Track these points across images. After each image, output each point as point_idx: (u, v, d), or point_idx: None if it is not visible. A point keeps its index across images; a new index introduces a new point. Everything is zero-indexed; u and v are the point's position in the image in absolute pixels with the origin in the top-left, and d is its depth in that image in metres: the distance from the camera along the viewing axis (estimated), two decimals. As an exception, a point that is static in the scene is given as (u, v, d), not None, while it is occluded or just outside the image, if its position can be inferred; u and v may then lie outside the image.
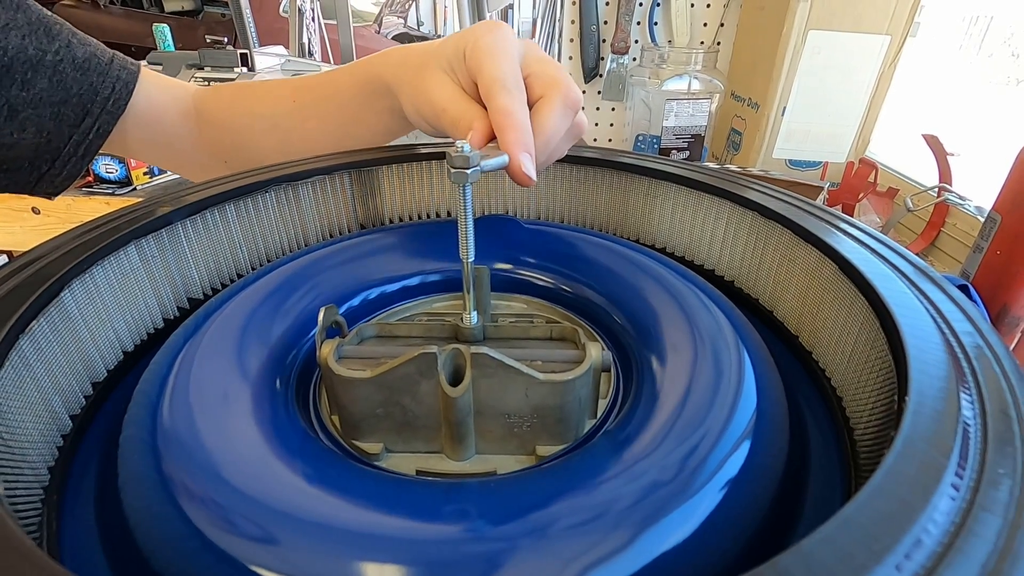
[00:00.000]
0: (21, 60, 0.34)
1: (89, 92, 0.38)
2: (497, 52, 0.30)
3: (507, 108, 0.28)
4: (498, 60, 0.29)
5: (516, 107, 0.28)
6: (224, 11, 1.95)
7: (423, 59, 0.34)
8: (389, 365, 0.22)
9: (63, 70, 0.36)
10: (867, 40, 0.74)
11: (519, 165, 0.26)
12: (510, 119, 0.27)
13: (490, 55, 0.30)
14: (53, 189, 0.41)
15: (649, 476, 0.19)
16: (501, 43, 0.30)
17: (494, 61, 0.29)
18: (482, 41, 0.30)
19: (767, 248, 0.33)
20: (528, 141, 0.27)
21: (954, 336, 0.21)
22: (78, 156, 0.39)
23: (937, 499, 0.14)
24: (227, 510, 0.18)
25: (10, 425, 0.20)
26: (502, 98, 0.28)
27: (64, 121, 0.37)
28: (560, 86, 0.30)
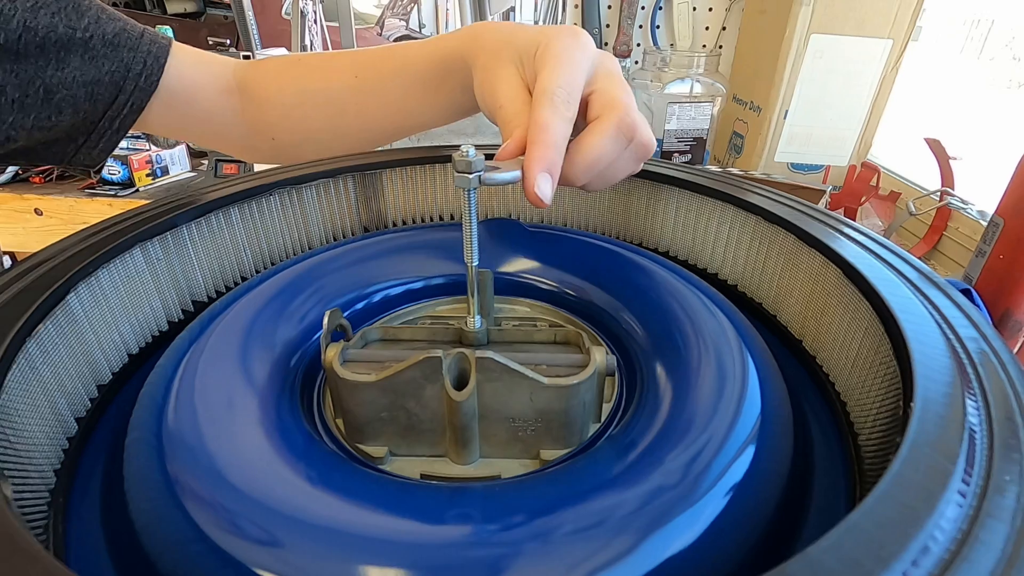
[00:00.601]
0: (53, 39, 0.34)
1: (121, 69, 0.37)
2: (564, 60, 0.28)
3: (543, 122, 0.26)
4: (560, 69, 0.28)
5: (554, 123, 0.26)
6: (226, 13, 1.95)
7: (499, 45, 0.32)
8: (394, 369, 0.22)
9: (94, 46, 0.36)
10: (869, 44, 0.74)
11: (532, 184, 0.25)
12: (541, 134, 0.26)
13: (555, 61, 0.28)
14: (91, 161, 0.40)
15: (654, 481, 0.20)
16: (571, 51, 0.29)
17: (555, 69, 0.28)
18: (554, 44, 0.29)
19: (771, 252, 0.33)
20: (553, 160, 0.26)
21: (959, 341, 0.21)
22: (113, 130, 0.38)
23: (944, 506, 0.14)
24: (232, 513, 0.19)
25: (17, 428, 0.20)
26: (543, 111, 0.27)
27: (99, 100, 0.37)
28: (618, 109, 0.28)
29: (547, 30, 0.30)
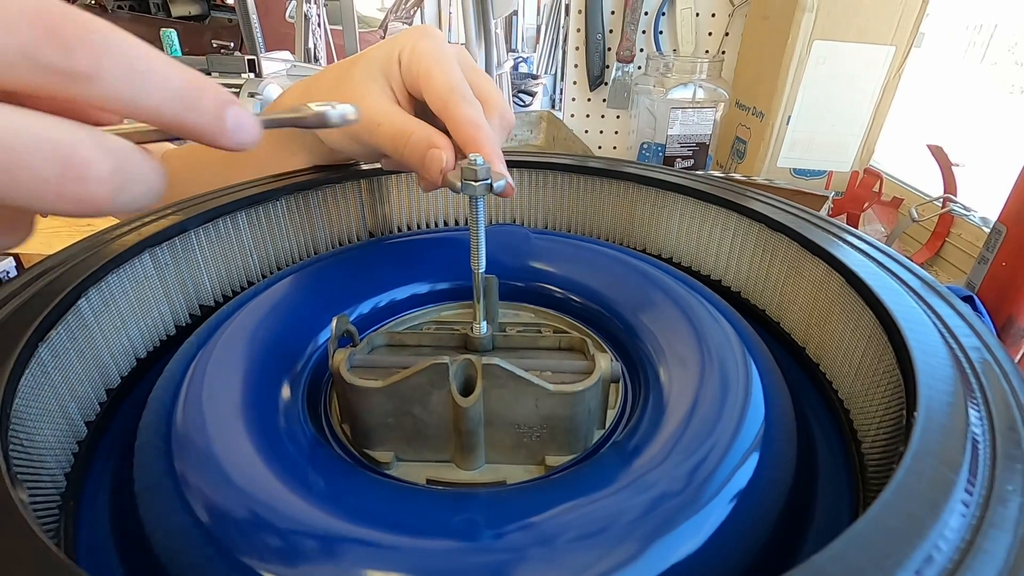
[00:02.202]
0: None
1: None
2: (443, 59, 0.27)
3: (475, 120, 0.25)
4: (446, 67, 0.27)
5: (482, 119, 0.26)
6: (231, 16, 1.96)
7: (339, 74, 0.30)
8: (401, 375, 0.22)
9: None
10: (872, 50, 0.75)
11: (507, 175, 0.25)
12: (482, 131, 0.25)
13: (437, 62, 0.27)
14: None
15: (658, 488, 0.20)
16: (443, 49, 0.28)
17: (443, 68, 0.27)
18: (421, 46, 0.27)
19: (774, 260, 0.33)
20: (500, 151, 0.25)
21: (961, 350, 0.21)
22: None
23: (947, 516, 0.14)
24: (240, 517, 0.19)
25: (30, 432, 0.20)
26: (467, 109, 0.26)
27: None
28: (498, 105, 0.28)
29: (396, 39, 0.29)
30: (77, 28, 0.12)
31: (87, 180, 0.13)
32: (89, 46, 0.12)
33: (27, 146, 0.12)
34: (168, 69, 0.14)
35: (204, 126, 0.15)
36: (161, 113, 0.14)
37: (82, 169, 0.13)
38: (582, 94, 0.95)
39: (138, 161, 0.14)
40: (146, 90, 0.14)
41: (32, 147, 0.12)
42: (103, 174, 0.13)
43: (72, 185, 0.13)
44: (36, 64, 0.12)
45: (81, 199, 0.13)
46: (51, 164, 0.12)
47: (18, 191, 0.12)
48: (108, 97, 0.13)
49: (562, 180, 0.41)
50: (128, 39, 0.13)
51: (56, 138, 0.13)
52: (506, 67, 1.29)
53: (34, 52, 0.12)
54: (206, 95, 0.15)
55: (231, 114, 0.15)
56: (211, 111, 0.15)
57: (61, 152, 0.12)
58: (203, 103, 0.15)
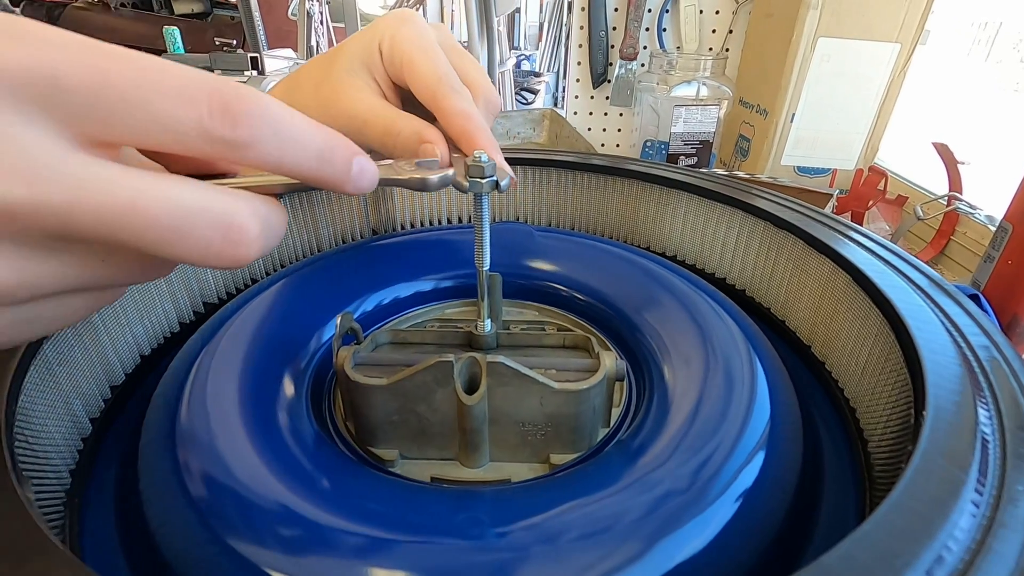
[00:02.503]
0: None
1: None
2: (425, 46, 0.26)
3: (466, 111, 0.24)
4: (430, 55, 0.26)
5: (473, 108, 0.25)
6: (233, 14, 1.96)
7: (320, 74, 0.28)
8: (406, 373, 0.22)
9: None
10: (877, 48, 0.74)
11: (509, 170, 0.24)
12: (473, 122, 0.24)
13: (420, 50, 0.26)
14: None
15: (663, 487, 0.20)
16: (426, 36, 0.26)
17: (426, 56, 0.26)
18: (401, 34, 0.26)
19: (779, 258, 0.33)
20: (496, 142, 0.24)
21: (969, 349, 0.21)
22: None
23: (957, 516, 0.14)
24: (244, 515, 0.19)
25: (35, 429, 0.20)
26: (456, 100, 0.25)
27: None
28: (483, 88, 0.27)
29: (374, 27, 0.27)
30: (242, 105, 0.14)
31: (241, 244, 0.15)
32: (249, 119, 0.14)
33: (197, 217, 0.14)
34: (308, 132, 0.16)
35: (334, 177, 0.17)
36: (300, 170, 0.16)
37: (239, 235, 0.15)
38: (585, 92, 0.94)
39: (275, 217, 0.16)
40: (291, 152, 0.16)
41: (201, 218, 0.14)
42: (253, 237, 0.15)
43: (230, 248, 0.15)
44: (207, 135, 0.14)
45: (235, 258, 0.15)
46: (215, 232, 0.14)
47: (186, 253, 0.14)
48: (259, 160, 0.15)
49: (566, 178, 0.41)
50: (279, 110, 0.15)
51: (220, 209, 0.15)
52: (509, 65, 1.29)
53: (208, 125, 0.14)
54: (337, 151, 0.17)
55: (356, 164, 0.17)
56: (341, 164, 0.17)
57: (223, 222, 0.15)
58: (335, 158, 0.17)
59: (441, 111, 0.25)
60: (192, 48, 1.46)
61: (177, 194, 0.14)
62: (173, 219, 0.14)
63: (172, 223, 0.14)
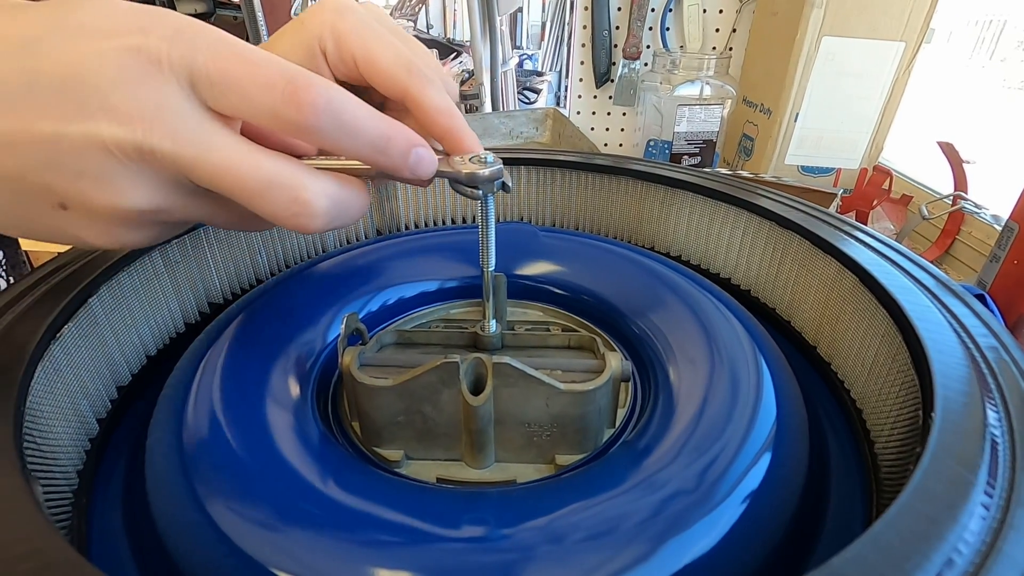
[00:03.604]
0: None
1: None
2: (377, 35, 0.24)
3: (448, 108, 0.23)
4: (386, 45, 0.23)
5: (451, 103, 0.23)
6: (236, 14, 1.96)
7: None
8: (411, 373, 0.22)
9: None
10: (881, 46, 0.74)
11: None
12: (457, 120, 0.23)
13: (375, 40, 0.23)
14: None
15: (669, 488, 0.20)
16: (371, 24, 0.24)
17: (384, 48, 0.23)
18: (343, 27, 0.23)
19: (785, 258, 0.32)
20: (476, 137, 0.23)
21: (978, 350, 0.21)
22: None
23: (967, 518, 0.14)
24: (252, 515, 0.19)
25: (43, 430, 0.20)
26: (434, 95, 0.23)
27: None
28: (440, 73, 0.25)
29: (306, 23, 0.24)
30: (308, 95, 0.17)
31: (303, 215, 0.18)
32: (312, 108, 0.17)
33: (271, 184, 0.18)
34: (368, 122, 0.19)
35: (390, 164, 0.19)
36: (360, 155, 0.19)
37: (304, 207, 0.18)
38: (588, 91, 0.94)
39: (350, 199, 0.20)
40: (347, 139, 0.18)
41: (276, 184, 0.18)
42: (319, 211, 0.19)
43: (293, 217, 0.18)
44: (278, 117, 0.17)
45: (299, 225, 0.19)
46: (283, 199, 0.18)
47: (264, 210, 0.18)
48: (323, 143, 0.18)
49: (570, 178, 0.41)
50: (343, 101, 0.18)
51: (292, 181, 0.18)
52: (511, 64, 1.29)
53: (279, 109, 0.17)
54: (394, 141, 0.19)
55: (414, 154, 0.20)
56: (396, 153, 0.19)
57: (290, 193, 0.18)
58: (390, 147, 0.19)
59: (420, 108, 0.23)
60: (195, 48, 1.46)
61: (264, 162, 0.18)
62: (256, 182, 0.18)
63: (255, 185, 0.18)
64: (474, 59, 1.07)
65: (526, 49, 2.00)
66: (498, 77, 1.10)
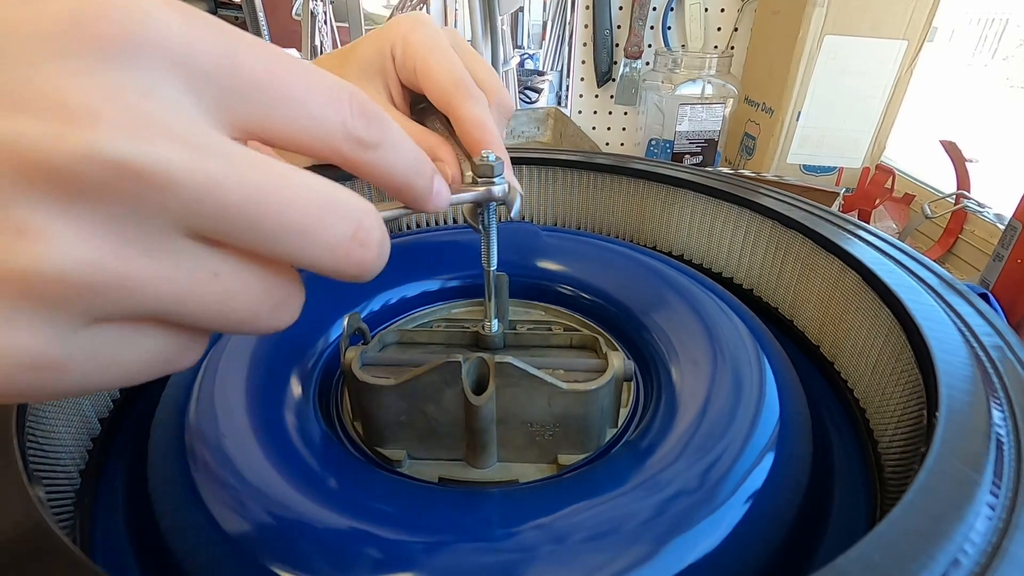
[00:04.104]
0: None
1: None
2: (439, 48, 0.25)
3: (482, 120, 0.24)
4: (445, 59, 0.25)
5: (489, 118, 0.24)
6: (237, 14, 1.96)
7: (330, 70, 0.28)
8: (414, 373, 0.22)
9: None
10: (884, 45, 0.74)
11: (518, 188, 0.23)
12: (488, 134, 0.24)
13: (435, 54, 0.25)
14: None
15: (672, 488, 0.20)
16: (437, 38, 0.26)
17: (441, 61, 0.25)
18: (414, 37, 0.26)
19: (787, 257, 0.32)
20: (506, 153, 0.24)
21: (982, 349, 0.20)
22: None
23: (973, 518, 0.13)
24: (253, 515, 0.19)
25: (45, 429, 0.20)
26: (472, 106, 0.24)
27: None
28: (496, 92, 0.26)
29: (386, 31, 0.27)
30: (371, 108, 0.15)
31: (368, 245, 0.14)
32: (380, 123, 0.15)
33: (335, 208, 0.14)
34: (409, 142, 0.16)
35: (421, 190, 0.17)
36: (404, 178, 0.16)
37: (366, 236, 0.14)
38: (590, 90, 0.94)
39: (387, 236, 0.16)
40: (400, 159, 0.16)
41: (338, 210, 0.14)
42: (377, 241, 0.15)
43: (357, 248, 0.14)
44: (348, 134, 0.14)
45: (361, 262, 0.14)
46: (347, 227, 0.14)
47: (318, 249, 0.13)
48: (379, 163, 0.15)
49: (572, 177, 0.41)
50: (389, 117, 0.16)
51: (354, 205, 0.14)
52: (512, 63, 1.28)
53: (350, 125, 0.14)
54: (425, 164, 0.17)
55: (437, 181, 0.18)
56: (428, 177, 0.17)
57: (355, 217, 0.14)
58: (424, 170, 0.17)
59: (457, 117, 0.24)
60: (197, 48, 1.46)
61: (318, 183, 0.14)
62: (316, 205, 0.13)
63: (316, 208, 0.13)
64: (475, 58, 1.06)
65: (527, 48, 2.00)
66: (499, 76, 1.10)
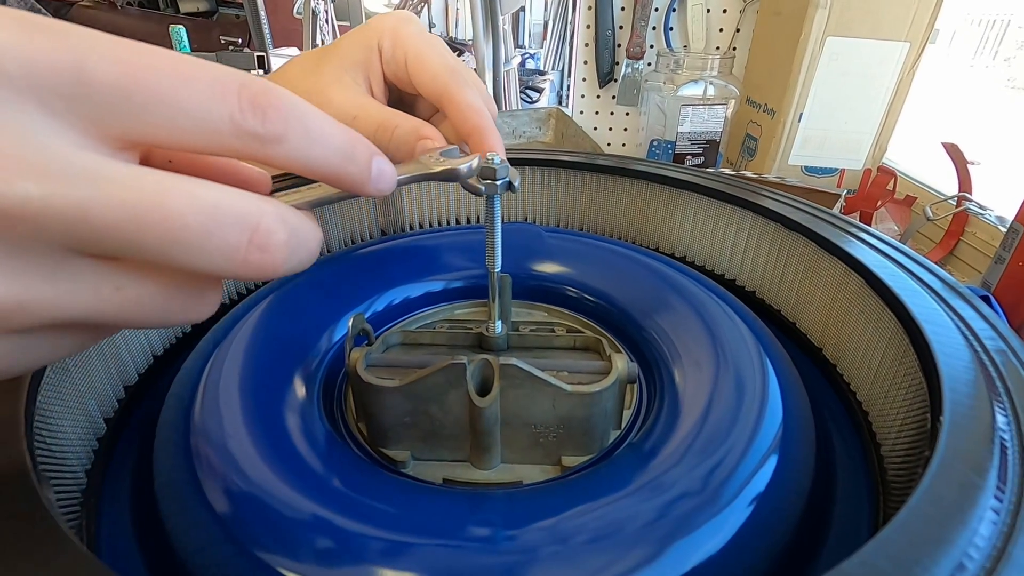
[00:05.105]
0: None
1: None
2: (433, 42, 0.26)
3: (479, 107, 0.24)
4: (438, 50, 0.26)
5: (483, 105, 0.24)
6: (239, 12, 1.96)
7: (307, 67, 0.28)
8: (418, 374, 0.22)
9: None
10: (886, 47, 0.74)
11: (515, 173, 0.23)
12: (485, 118, 0.24)
13: (427, 44, 0.26)
14: None
15: (675, 490, 0.20)
16: (428, 34, 0.26)
17: (435, 51, 0.26)
18: (405, 31, 0.26)
19: (790, 259, 0.32)
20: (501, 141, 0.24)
21: (985, 353, 0.21)
22: None
23: (977, 523, 0.14)
24: (259, 516, 0.19)
25: (52, 429, 0.20)
26: (469, 93, 0.24)
27: None
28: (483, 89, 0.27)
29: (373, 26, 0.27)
30: (271, 99, 0.14)
31: (268, 248, 0.14)
32: (279, 113, 0.14)
33: (222, 217, 0.13)
34: (332, 128, 0.15)
35: (356, 176, 0.16)
36: (328, 167, 0.15)
37: (265, 239, 0.14)
38: (591, 91, 0.94)
39: (305, 228, 0.15)
40: (318, 148, 0.15)
41: (226, 218, 0.13)
42: (280, 243, 0.14)
43: (256, 253, 0.14)
44: (239, 129, 0.13)
45: (261, 265, 0.14)
46: (240, 234, 0.13)
47: (210, 258, 0.13)
48: (289, 156, 0.14)
49: (575, 178, 0.41)
50: (303, 105, 0.15)
51: (245, 210, 0.13)
52: (514, 63, 1.28)
53: (239, 119, 0.13)
54: (359, 148, 0.16)
55: (376, 164, 0.17)
56: (363, 163, 0.16)
57: (249, 223, 0.13)
58: (357, 155, 0.16)
59: (454, 104, 0.24)
60: (198, 47, 1.47)
61: (203, 192, 0.13)
62: (199, 217, 0.12)
63: (198, 221, 0.12)
64: (476, 58, 1.06)
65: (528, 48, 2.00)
66: (500, 76, 1.10)
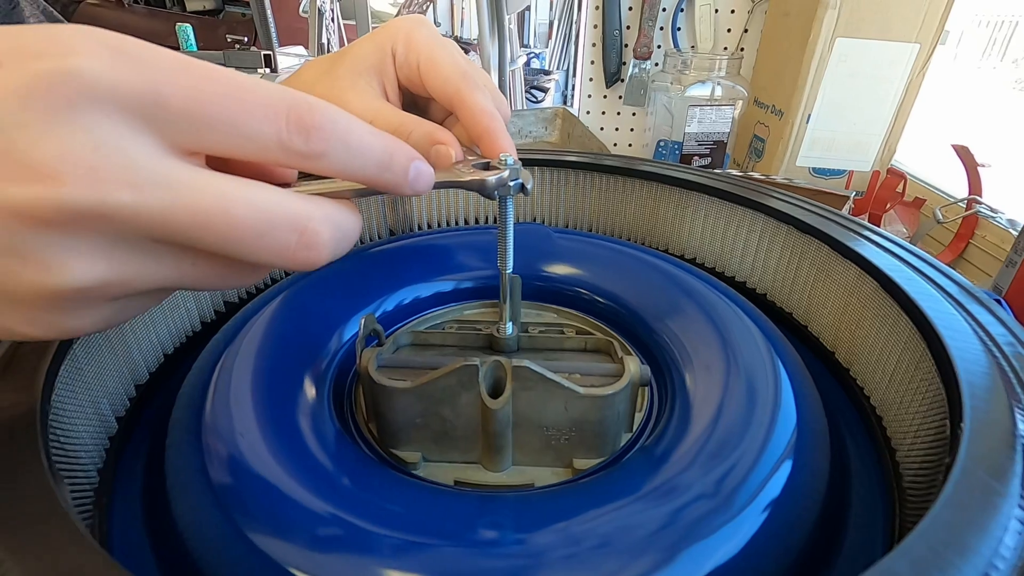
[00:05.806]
0: None
1: None
2: (445, 45, 0.26)
3: (491, 109, 0.24)
4: (451, 53, 0.26)
5: (495, 109, 0.25)
6: (245, 11, 1.96)
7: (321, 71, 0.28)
8: (430, 376, 0.22)
9: None
10: (895, 48, 0.73)
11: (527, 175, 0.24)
12: (497, 122, 0.24)
13: (440, 47, 0.26)
14: None
15: (688, 494, 0.19)
16: (441, 37, 0.27)
17: (447, 54, 0.26)
18: (418, 35, 0.27)
19: (803, 262, 0.32)
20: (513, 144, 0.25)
21: (1004, 358, 0.20)
22: None
23: (1001, 532, 0.13)
24: (270, 515, 0.19)
25: (65, 428, 0.20)
26: (480, 97, 0.25)
27: None
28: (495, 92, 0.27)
29: (387, 30, 0.28)
30: (315, 118, 0.15)
31: (314, 246, 0.16)
32: (321, 133, 0.15)
33: (276, 220, 0.15)
34: (372, 140, 0.17)
35: (392, 181, 0.18)
36: (365, 176, 0.17)
37: (313, 238, 0.16)
38: (598, 91, 0.94)
39: (347, 222, 0.17)
40: (356, 161, 0.17)
41: (280, 221, 0.15)
42: (325, 240, 0.16)
43: (303, 251, 0.16)
44: (285, 147, 0.15)
45: (307, 260, 0.16)
46: (290, 235, 0.15)
47: (265, 254, 0.15)
48: (329, 168, 0.16)
49: (584, 179, 0.41)
50: (346, 121, 0.16)
51: (296, 212, 0.15)
52: (519, 63, 1.28)
53: (286, 139, 0.15)
54: (396, 156, 0.18)
55: (414, 168, 0.18)
56: (400, 169, 0.18)
57: (299, 224, 0.15)
58: (394, 164, 0.18)
59: (466, 107, 0.25)
60: (205, 45, 1.47)
61: (260, 198, 0.15)
62: (255, 221, 0.15)
63: (254, 225, 0.15)
64: (482, 57, 1.06)
65: (534, 48, 2.00)
66: (506, 75, 1.09)
